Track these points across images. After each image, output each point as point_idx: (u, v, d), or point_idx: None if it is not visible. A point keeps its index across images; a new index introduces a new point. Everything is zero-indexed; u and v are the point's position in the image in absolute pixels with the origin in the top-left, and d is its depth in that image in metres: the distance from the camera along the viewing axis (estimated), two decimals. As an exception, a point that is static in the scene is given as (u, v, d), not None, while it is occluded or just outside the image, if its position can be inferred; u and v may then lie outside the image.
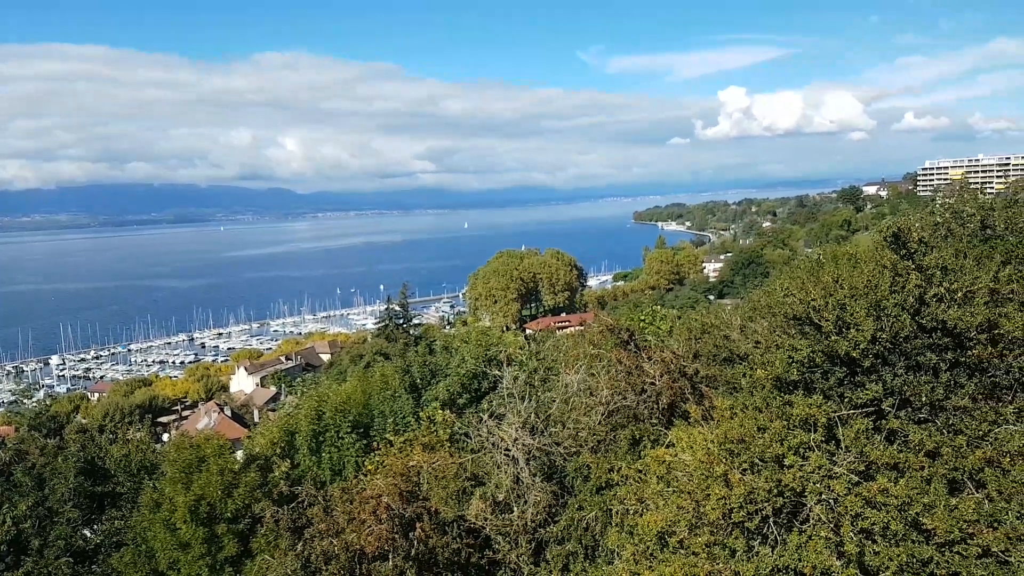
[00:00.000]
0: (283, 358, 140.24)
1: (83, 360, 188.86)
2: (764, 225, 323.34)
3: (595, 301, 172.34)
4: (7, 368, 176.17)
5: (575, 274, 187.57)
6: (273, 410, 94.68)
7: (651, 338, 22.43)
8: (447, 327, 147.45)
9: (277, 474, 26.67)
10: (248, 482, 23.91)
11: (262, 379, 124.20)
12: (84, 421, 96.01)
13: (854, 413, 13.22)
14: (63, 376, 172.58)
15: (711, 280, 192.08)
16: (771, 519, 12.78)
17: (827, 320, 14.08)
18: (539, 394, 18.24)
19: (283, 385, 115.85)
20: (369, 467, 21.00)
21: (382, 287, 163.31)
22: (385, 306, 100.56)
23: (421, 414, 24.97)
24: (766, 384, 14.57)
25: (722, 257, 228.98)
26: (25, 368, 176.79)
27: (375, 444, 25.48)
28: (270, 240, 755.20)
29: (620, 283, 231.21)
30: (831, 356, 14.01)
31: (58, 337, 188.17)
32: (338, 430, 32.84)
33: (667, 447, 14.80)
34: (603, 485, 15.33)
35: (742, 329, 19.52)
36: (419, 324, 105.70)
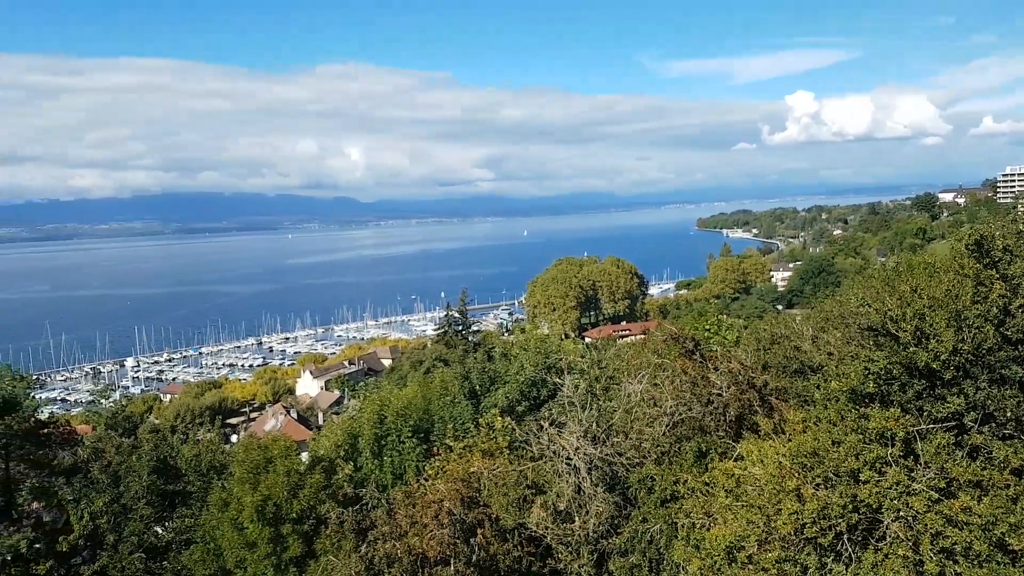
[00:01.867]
0: (346, 362, 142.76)
1: (156, 362, 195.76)
2: (835, 233, 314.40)
3: (656, 310, 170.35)
4: (85, 369, 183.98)
5: (636, 282, 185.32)
6: (337, 413, 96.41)
7: (717, 348, 21.93)
8: (505, 334, 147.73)
9: (341, 476, 27.03)
10: (313, 483, 24.24)
11: (326, 383, 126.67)
12: (157, 421, 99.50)
13: (934, 427, 12.67)
14: (137, 378, 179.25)
15: (779, 289, 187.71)
16: (845, 536, 12.35)
17: (905, 331, 13.52)
18: (601, 403, 18.00)
19: (346, 389, 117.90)
20: (430, 472, 21.11)
21: (443, 294, 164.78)
22: (444, 313, 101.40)
23: (480, 420, 24.99)
24: (840, 396, 14.08)
25: (791, 265, 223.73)
26: (102, 370, 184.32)
27: (435, 449, 25.64)
28: (334, 247, 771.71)
29: (683, 291, 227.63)
30: (909, 368, 13.46)
31: (133, 340, 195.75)
32: (399, 434, 33.16)
33: (736, 460, 14.44)
34: (668, 498, 15.02)
35: (814, 340, 18.92)
36: (478, 331, 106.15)
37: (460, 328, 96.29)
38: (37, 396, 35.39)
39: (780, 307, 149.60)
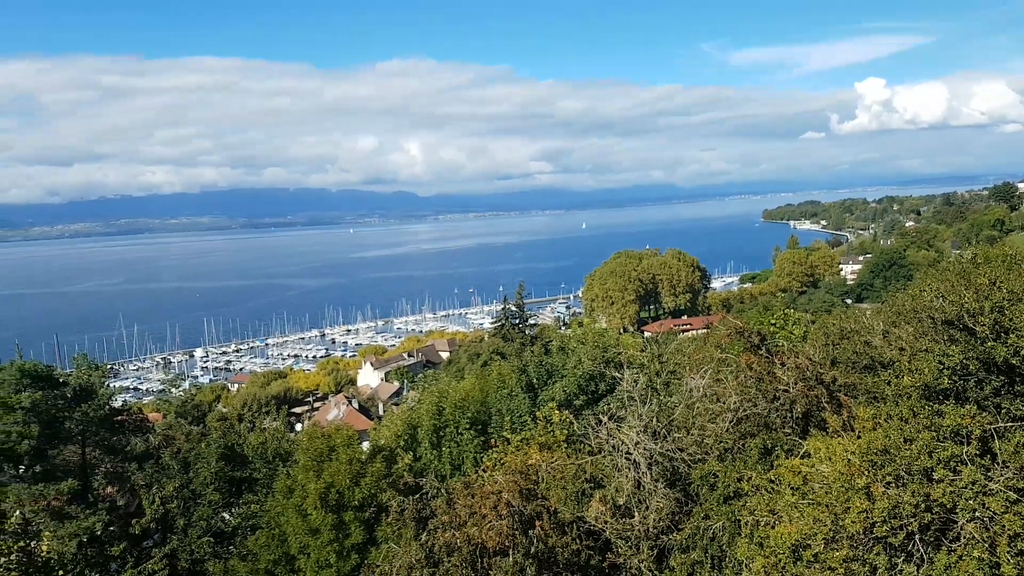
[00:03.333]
0: (405, 354, 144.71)
1: (224, 353, 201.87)
2: (907, 224, 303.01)
3: (719, 304, 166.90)
4: (157, 359, 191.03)
5: (697, 275, 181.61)
6: (396, 404, 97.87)
7: (783, 343, 21.35)
8: (563, 328, 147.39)
9: (401, 466, 27.42)
10: (374, 472, 24.64)
11: (386, 374, 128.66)
12: (225, 410, 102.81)
13: (1013, 425, 12.10)
14: (206, 368, 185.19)
15: (848, 283, 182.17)
16: (917, 536, 11.92)
17: (983, 325, 12.93)
18: (661, 398, 17.74)
19: (405, 380, 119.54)
20: (487, 463, 21.19)
21: (500, 288, 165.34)
22: (502, 306, 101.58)
23: (538, 414, 24.96)
24: (913, 393, 13.56)
25: (860, 258, 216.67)
26: (172, 360, 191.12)
27: (492, 441, 25.73)
28: (394, 241, 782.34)
29: (747, 285, 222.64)
30: (987, 363, 12.88)
31: (202, 331, 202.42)
32: (457, 426, 33.44)
33: (802, 457, 14.06)
34: (731, 495, 14.73)
35: (885, 334, 18.26)
36: (535, 324, 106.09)
37: (517, 322, 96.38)
38: (111, 385, 36.80)
39: (849, 301, 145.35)
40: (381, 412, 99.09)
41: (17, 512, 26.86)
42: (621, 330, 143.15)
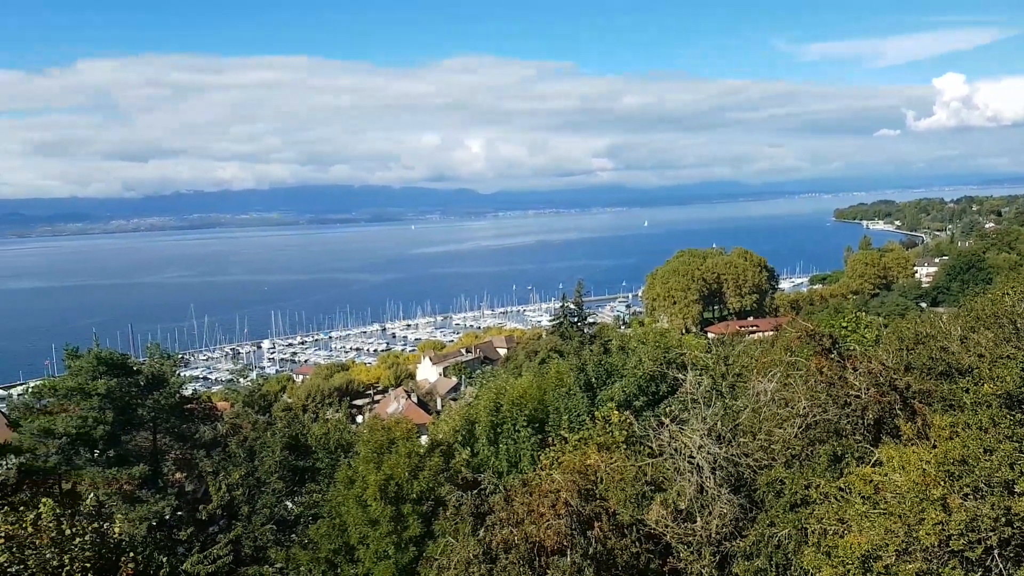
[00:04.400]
0: (463, 350, 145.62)
1: (290, 345, 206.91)
2: (987, 226, 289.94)
3: (787, 305, 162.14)
4: (226, 350, 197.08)
5: (765, 275, 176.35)
6: (454, 399, 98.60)
7: (855, 347, 20.59)
8: (622, 327, 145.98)
9: (458, 460, 27.58)
10: (432, 466, 24.83)
11: (444, 369, 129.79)
12: (289, 400, 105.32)
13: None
14: (272, 359, 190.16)
15: (923, 286, 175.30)
16: (996, 551, 11.35)
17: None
18: (727, 401, 17.29)
19: (463, 376, 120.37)
20: (544, 462, 21.07)
21: (560, 285, 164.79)
22: (560, 304, 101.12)
23: (596, 413, 24.71)
24: (993, 401, 12.90)
25: (936, 260, 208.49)
26: (241, 350, 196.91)
27: (550, 439, 25.61)
28: (454, 238, 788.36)
29: (817, 286, 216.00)
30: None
31: (269, 323, 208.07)
32: (515, 423, 33.42)
33: (874, 466, 13.52)
34: (798, 502, 14.27)
35: (963, 340, 17.42)
36: (593, 323, 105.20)
37: (575, 320, 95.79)
38: (182, 374, 38.03)
39: (924, 305, 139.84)
40: (439, 407, 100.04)
41: (92, 495, 28.03)
42: (683, 331, 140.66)
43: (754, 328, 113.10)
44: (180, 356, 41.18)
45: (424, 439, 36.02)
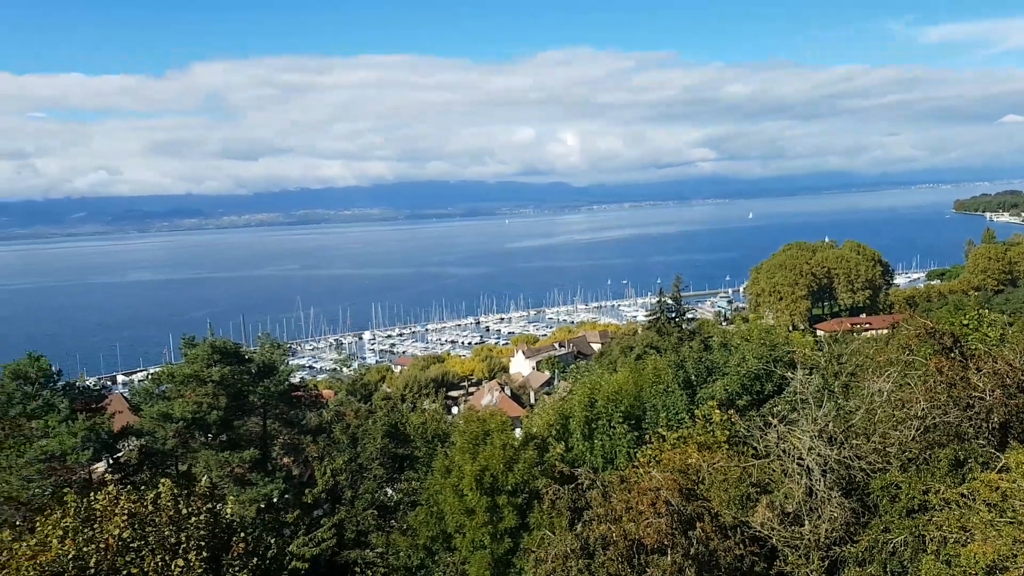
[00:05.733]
0: (556, 345, 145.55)
1: (389, 336, 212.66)
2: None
3: (903, 301, 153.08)
4: (330, 340, 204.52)
5: (878, 270, 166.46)
6: (548, 393, 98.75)
7: (978, 346, 19.22)
8: (723, 323, 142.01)
9: (552, 455, 27.55)
10: (526, 459, 24.87)
11: (537, 363, 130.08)
12: (388, 390, 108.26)
13: None
14: (373, 349, 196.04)
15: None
16: None
17: None
18: (839, 401, 16.45)
19: (556, 370, 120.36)
20: (641, 459, 20.73)
21: (657, 280, 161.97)
22: (657, 298, 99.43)
23: (696, 412, 24.11)
24: None
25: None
26: (343, 341, 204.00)
27: (647, 437, 25.18)
28: (547, 232, 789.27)
29: (935, 282, 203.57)
30: None
31: (370, 315, 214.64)
32: (610, 419, 33.00)
33: (1000, 472, 12.58)
34: (915, 508, 13.44)
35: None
36: (692, 319, 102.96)
37: (673, 315, 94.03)
38: (290, 362, 39.58)
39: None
40: (532, 400, 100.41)
41: (205, 477, 29.60)
42: (790, 327, 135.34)
43: (867, 326, 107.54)
44: (288, 345, 42.86)
45: (518, 432, 36.20)
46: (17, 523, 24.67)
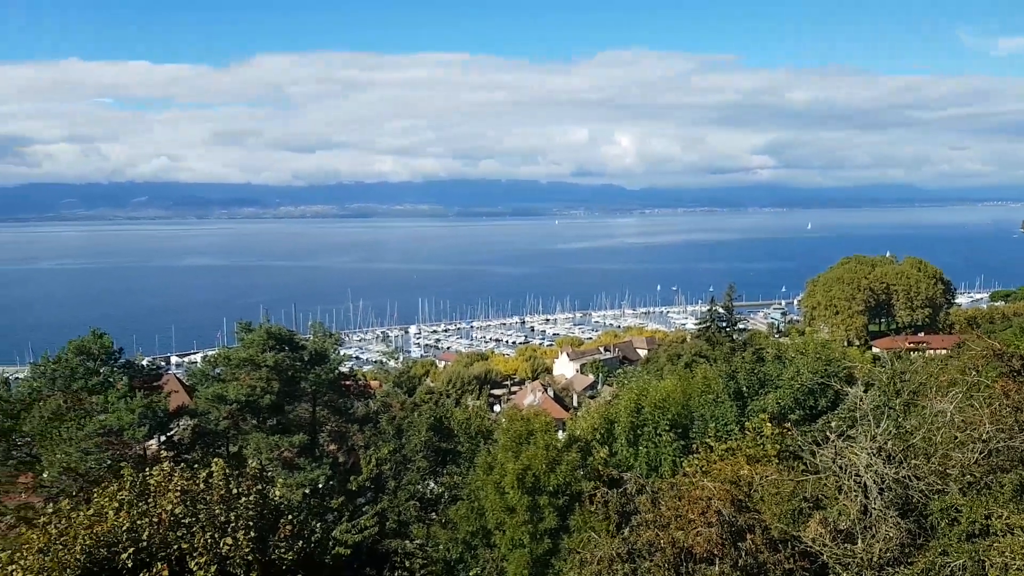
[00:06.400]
0: (602, 348, 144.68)
1: (434, 331, 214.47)
2: None
3: (964, 321, 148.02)
4: (377, 332, 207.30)
5: (939, 288, 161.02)
6: (591, 396, 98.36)
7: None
8: (777, 335, 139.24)
9: (596, 459, 27.45)
10: (569, 461, 24.88)
11: (581, 366, 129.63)
12: (432, 385, 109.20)
13: None
14: (418, 344, 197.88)
15: None
16: None
17: None
18: (899, 419, 16.02)
19: (600, 374, 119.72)
20: (688, 468, 20.48)
21: (710, 288, 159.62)
22: (708, 307, 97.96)
23: (747, 424, 23.73)
24: None
25: None
26: (390, 334, 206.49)
27: (694, 446, 24.88)
28: (597, 234, 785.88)
29: (999, 303, 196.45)
30: None
31: (416, 310, 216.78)
32: (656, 426, 32.68)
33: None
34: (976, 532, 13.02)
35: None
36: (744, 329, 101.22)
37: (724, 325, 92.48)
38: (341, 352, 40.23)
39: None
40: (575, 403, 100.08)
41: (255, 459, 30.27)
42: (846, 343, 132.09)
43: (925, 345, 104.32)
44: (338, 335, 43.55)
45: (561, 435, 36.14)
46: (74, 493, 25.67)
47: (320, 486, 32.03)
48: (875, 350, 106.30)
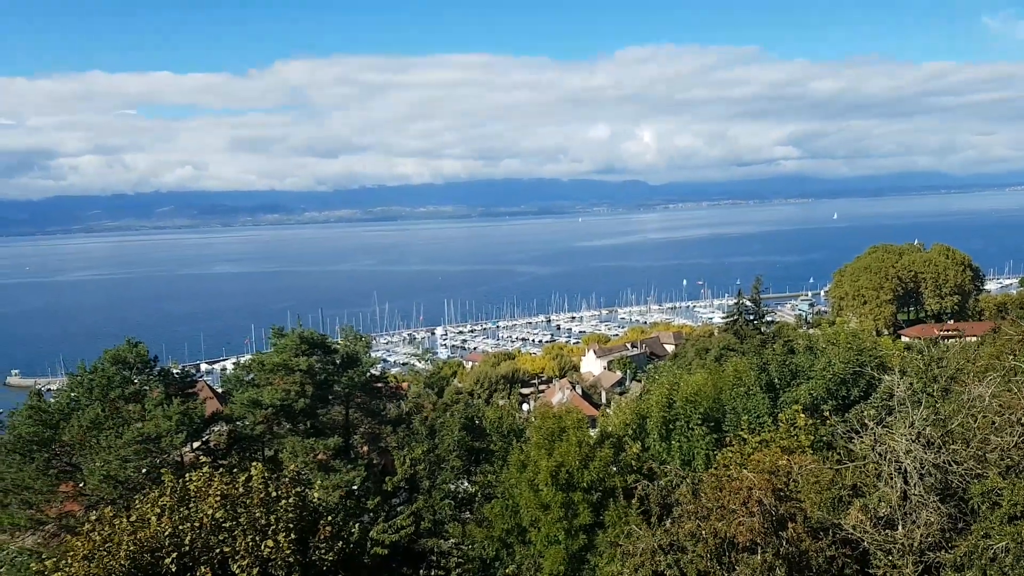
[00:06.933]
0: (628, 345, 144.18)
1: (461, 332, 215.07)
2: None
3: (994, 308, 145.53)
4: (404, 334, 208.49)
5: (968, 275, 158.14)
6: (620, 393, 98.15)
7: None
8: (805, 327, 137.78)
9: (628, 455, 27.47)
10: (602, 457, 24.94)
11: (609, 363, 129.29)
12: (460, 385, 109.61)
13: None
14: (445, 345, 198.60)
15: None
16: None
17: None
18: (937, 404, 15.92)
19: (628, 370, 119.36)
20: (722, 461, 20.49)
21: (737, 281, 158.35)
22: (735, 300, 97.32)
23: (780, 416, 23.67)
24: None
25: None
26: (416, 336, 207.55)
27: (727, 439, 24.85)
28: (621, 230, 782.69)
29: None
30: None
31: (442, 311, 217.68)
32: (688, 420, 32.61)
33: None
34: (1018, 515, 12.94)
35: None
36: (772, 321, 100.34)
37: (752, 318, 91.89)
38: (372, 355, 40.61)
39: None
40: (603, 400, 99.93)
41: (293, 462, 30.69)
42: (874, 332, 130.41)
43: (955, 333, 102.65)
44: (368, 338, 43.93)
45: (593, 432, 36.20)
46: (115, 500, 26.22)
47: (355, 487, 32.33)
48: (904, 339, 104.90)
